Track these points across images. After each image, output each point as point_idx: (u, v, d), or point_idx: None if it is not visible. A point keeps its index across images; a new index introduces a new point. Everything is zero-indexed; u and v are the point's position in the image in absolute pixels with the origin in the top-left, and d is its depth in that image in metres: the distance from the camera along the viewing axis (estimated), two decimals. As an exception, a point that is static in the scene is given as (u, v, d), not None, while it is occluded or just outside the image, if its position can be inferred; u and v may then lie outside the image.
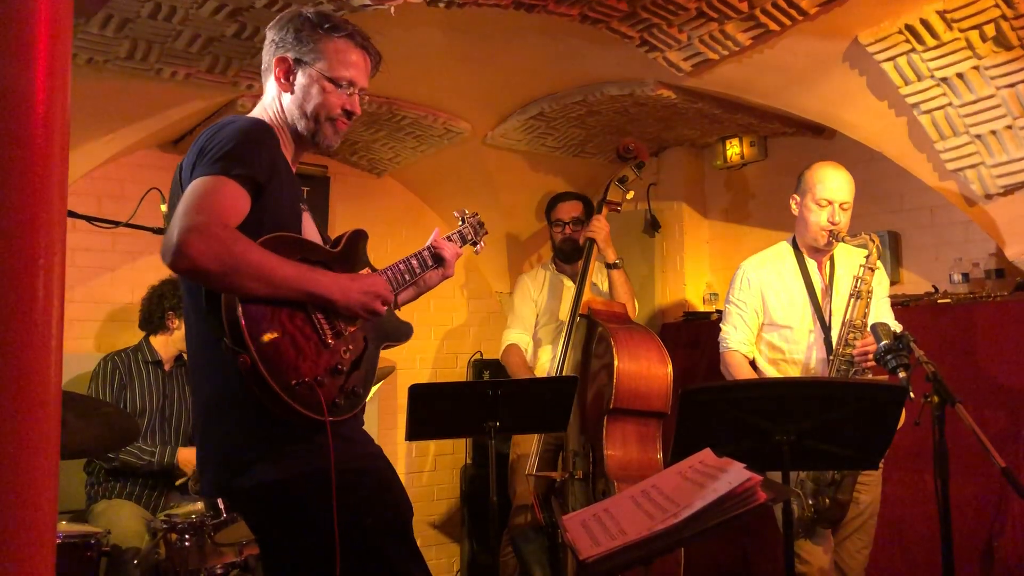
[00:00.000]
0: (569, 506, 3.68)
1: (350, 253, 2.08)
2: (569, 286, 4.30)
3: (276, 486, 1.88)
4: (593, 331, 3.80)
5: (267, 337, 1.78)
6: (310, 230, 2.04)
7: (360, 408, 1.96)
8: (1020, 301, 3.58)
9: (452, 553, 5.50)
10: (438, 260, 2.34)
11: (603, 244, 4.00)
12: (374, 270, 2.13)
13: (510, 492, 4.16)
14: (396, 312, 2.29)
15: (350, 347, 1.94)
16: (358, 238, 2.12)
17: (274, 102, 2.08)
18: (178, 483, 3.74)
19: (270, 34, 2.10)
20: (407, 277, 2.24)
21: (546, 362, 4.21)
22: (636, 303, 4.19)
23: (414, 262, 2.28)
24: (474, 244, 2.60)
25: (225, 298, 1.78)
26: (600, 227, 3.98)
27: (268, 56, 2.09)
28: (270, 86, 2.09)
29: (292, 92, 2.05)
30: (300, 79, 2.04)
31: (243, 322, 1.75)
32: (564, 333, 3.92)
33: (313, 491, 1.86)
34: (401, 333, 2.18)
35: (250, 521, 2.08)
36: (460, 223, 2.58)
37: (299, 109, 2.05)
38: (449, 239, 2.44)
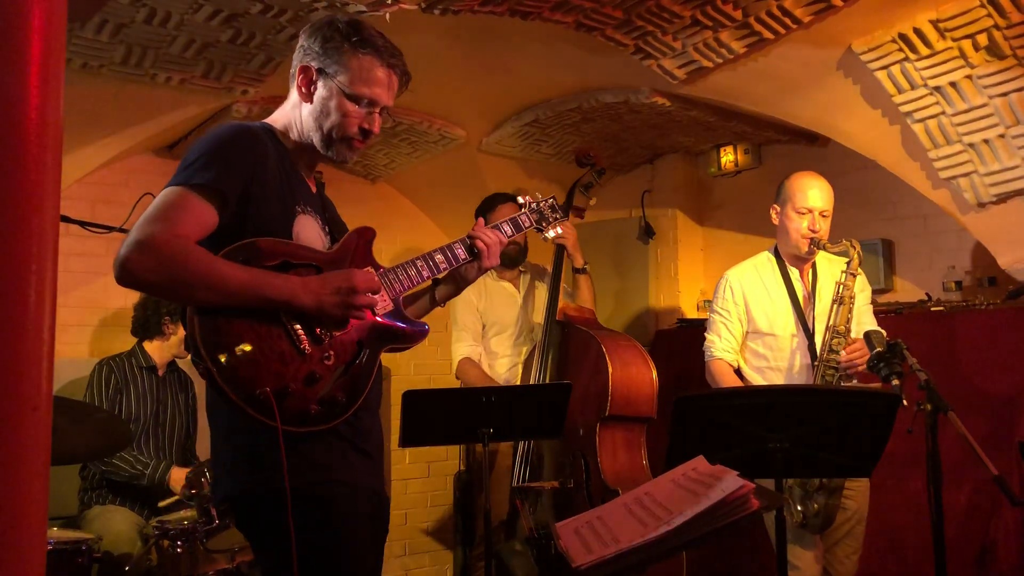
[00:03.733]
0: (554, 515, 3.66)
1: (345, 252, 1.99)
2: (511, 292, 4.25)
3: (236, 500, 1.90)
4: (568, 337, 3.79)
5: (227, 347, 1.74)
6: (308, 233, 1.95)
7: (339, 420, 1.85)
8: (1013, 309, 3.59)
9: (444, 560, 5.49)
10: (473, 252, 2.19)
11: (572, 249, 3.99)
12: (377, 268, 2.02)
13: (483, 501, 4.08)
14: (428, 311, 2.23)
15: (331, 352, 1.85)
16: (353, 236, 2.04)
17: (294, 109, 2.02)
18: (161, 504, 3.63)
19: (301, 39, 2.03)
20: (425, 274, 2.09)
21: (503, 372, 4.14)
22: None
23: (439, 257, 2.13)
24: (539, 231, 2.43)
25: (187, 310, 1.76)
26: (569, 232, 3.97)
27: (295, 62, 2.03)
28: (293, 92, 2.04)
29: (311, 103, 1.99)
30: (320, 91, 1.98)
31: (197, 332, 1.73)
32: (541, 340, 3.86)
33: (264, 510, 1.84)
34: (411, 335, 2.05)
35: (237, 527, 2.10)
36: (520, 209, 2.42)
37: (315, 122, 1.99)
38: (497, 227, 2.27)
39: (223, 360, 1.73)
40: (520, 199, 2.48)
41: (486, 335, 4.24)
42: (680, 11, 3.25)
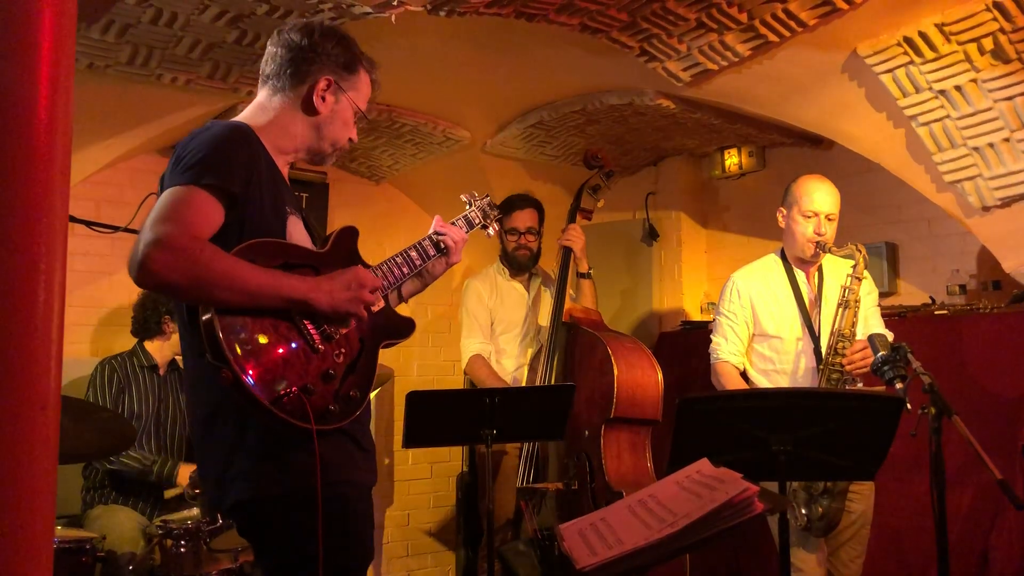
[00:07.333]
0: (558, 517, 3.66)
1: (338, 252, 2.01)
2: (521, 293, 4.26)
3: (250, 505, 1.87)
4: (575, 339, 3.79)
5: (248, 348, 1.73)
6: (297, 234, 1.98)
7: (354, 417, 1.88)
8: (1016, 313, 3.59)
9: (447, 561, 5.49)
10: (440, 248, 2.27)
11: (579, 254, 3.99)
12: (367, 267, 2.05)
13: (488, 501, 4.06)
14: (399, 307, 2.25)
15: (342, 350, 1.88)
16: (344, 235, 2.06)
17: (286, 114, 2.03)
18: (168, 495, 3.69)
19: (308, 41, 2.02)
20: (406, 271, 2.17)
21: (511, 371, 4.15)
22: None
23: (413, 253, 2.20)
24: (484, 228, 2.50)
25: (201, 311, 1.73)
26: (577, 237, 3.97)
27: (293, 63, 2.02)
28: (285, 94, 2.03)
29: (321, 113, 2.03)
30: (331, 102, 2.04)
31: (220, 335, 1.70)
32: (547, 341, 3.85)
33: (282, 512, 1.85)
34: (402, 330, 2.11)
35: (240, 533, 2.08)
36: (467, 207, 2.49)
37: (318, 131, 2.05)
38: (454, 224, 2.36)
39: (249, 361, 1.72)
40: (464, 196, 2.55)
41: (494, 332, 4.26)
42: (685, 14, 3.25)
